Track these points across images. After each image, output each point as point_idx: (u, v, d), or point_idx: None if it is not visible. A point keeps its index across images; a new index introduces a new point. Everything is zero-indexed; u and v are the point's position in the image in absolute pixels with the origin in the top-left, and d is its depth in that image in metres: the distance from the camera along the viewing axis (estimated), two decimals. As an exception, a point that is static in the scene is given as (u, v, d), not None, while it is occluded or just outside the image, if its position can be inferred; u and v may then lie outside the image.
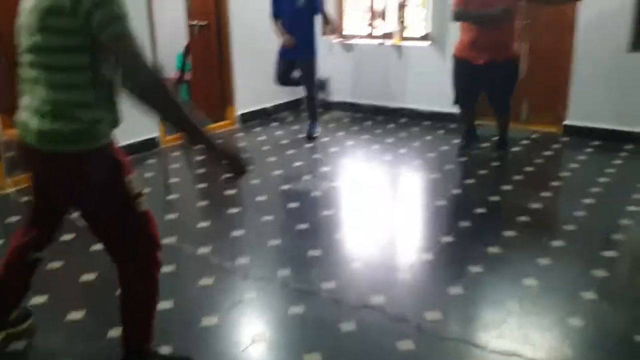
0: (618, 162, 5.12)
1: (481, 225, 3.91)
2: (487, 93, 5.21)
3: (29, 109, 2.08)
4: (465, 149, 5.47)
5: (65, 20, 1.93)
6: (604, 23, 5.48)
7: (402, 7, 6.74)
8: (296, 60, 5.89)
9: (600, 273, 3.23)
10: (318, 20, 5.99)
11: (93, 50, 1.98)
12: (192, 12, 6.48)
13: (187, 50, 6.86)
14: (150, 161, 5.33)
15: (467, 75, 5.09)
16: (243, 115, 6.61)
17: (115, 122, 2.13)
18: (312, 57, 5.88)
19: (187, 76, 6.95)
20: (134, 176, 2.19)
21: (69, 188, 2.15)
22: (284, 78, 6.05)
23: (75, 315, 2.85)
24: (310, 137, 6.03)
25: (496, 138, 5.45)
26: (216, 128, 6.33)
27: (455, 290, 3.07)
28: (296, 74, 6.03)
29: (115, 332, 2.60)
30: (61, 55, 1.98)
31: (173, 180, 5.07)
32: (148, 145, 5.52)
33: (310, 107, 6.15)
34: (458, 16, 4.98)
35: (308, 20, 5.77)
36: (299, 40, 5.73)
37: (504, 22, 4.81)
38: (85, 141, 2.04)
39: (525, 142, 5.73)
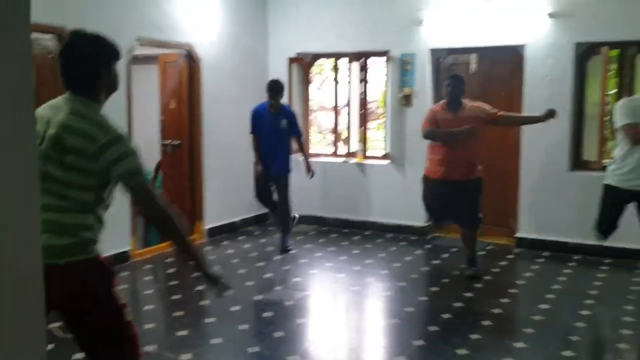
0: (568, 270, 5.50)
1: (449, 329, 4.14)
2: (454, 212, 5.29)
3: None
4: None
5: (84, 161, 2.17)
6: (546, 146, 6.08)
7: (362, 129, 7.31)
8: (273, 176, 6.18)
9: (562, 371, 3.47)
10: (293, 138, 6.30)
11: (100, 187, 2.25)
12: (166, 132, 6.85)
13: (158, 167, 7.16)
14: (123, 274, 5.42)
15: (438, 194, 5.15)
16: (211, 229, 6.81)
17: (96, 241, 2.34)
18: (287, 174, 6.21)
19: (157, 191, 7.19)
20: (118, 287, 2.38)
21: (68, 296, 2.23)
22: (264, 195, 6.27)
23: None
24: (285, 250, 6.20)
25: (466, 263, 5.33)
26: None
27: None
28: (275, 196, 6.26)
29: None
30: (74, 190, 2.20)
31: (147, 292, 5.16)
32: (120, 259, 5.63)
33: (284, 221, 6.30)
34: (426, 135, 5.11)
35: (286, 140, 6.14)
36: (276, 157, 6.07)
37: (471, 142, 4.99)
38: (81, 253, 2.23)
39: (481, 253, 6.08)
